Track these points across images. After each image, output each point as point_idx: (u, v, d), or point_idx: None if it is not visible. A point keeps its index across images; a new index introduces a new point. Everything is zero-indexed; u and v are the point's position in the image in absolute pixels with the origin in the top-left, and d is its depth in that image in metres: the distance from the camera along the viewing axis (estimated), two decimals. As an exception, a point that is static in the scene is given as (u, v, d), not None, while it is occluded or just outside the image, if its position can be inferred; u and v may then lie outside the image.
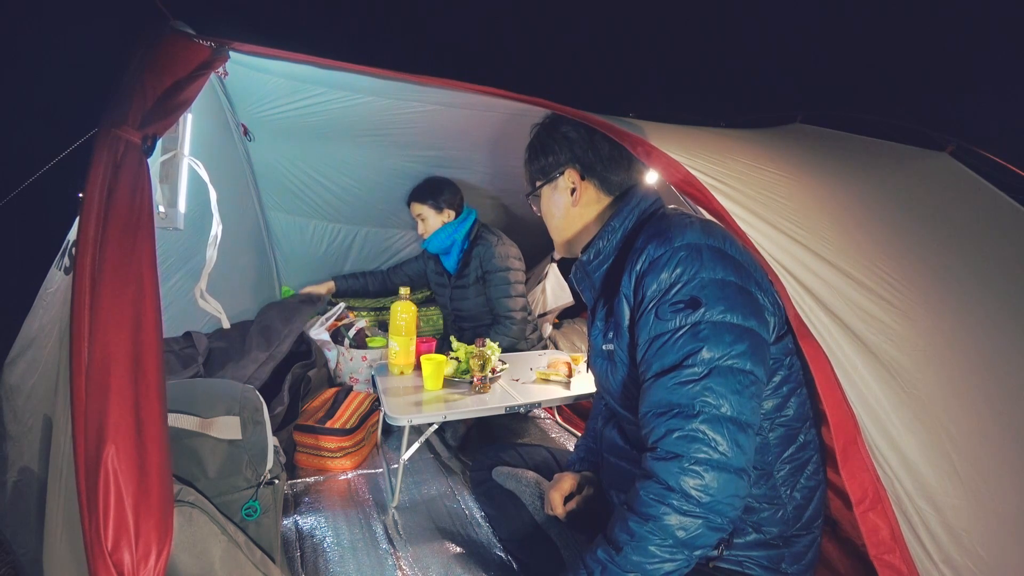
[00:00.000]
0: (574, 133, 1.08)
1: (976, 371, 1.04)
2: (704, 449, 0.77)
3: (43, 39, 2.43)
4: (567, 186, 1.09)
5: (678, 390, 0.81)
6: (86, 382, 0.70)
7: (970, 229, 1.45)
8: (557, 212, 1.12)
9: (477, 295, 2.25)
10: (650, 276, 0.88)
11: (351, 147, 2.26)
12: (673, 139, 1.12)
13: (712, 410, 0.78)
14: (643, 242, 0.93)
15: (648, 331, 0.87)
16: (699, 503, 0.76)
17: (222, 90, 1.92)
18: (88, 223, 0.76)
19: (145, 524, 0.68)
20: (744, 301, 0.85)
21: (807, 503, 0.93)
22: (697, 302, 0.83)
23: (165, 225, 1.70)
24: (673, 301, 0.85)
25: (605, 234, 1.03)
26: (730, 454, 0.77)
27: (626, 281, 0.93)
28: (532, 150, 1.15)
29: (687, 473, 0.77)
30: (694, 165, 1.00)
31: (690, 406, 0.79)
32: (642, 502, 0.79)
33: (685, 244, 0.87)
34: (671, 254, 0.87)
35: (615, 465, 1.06)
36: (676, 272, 0.86)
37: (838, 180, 1.40)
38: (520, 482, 1.25)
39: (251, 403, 1.14)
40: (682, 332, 0.83)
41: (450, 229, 2.23)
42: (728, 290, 0.84)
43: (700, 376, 0.80)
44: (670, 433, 0.80)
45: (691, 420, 0.79)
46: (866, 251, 1.09)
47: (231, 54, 1.07)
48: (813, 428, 0.96)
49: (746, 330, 0.83)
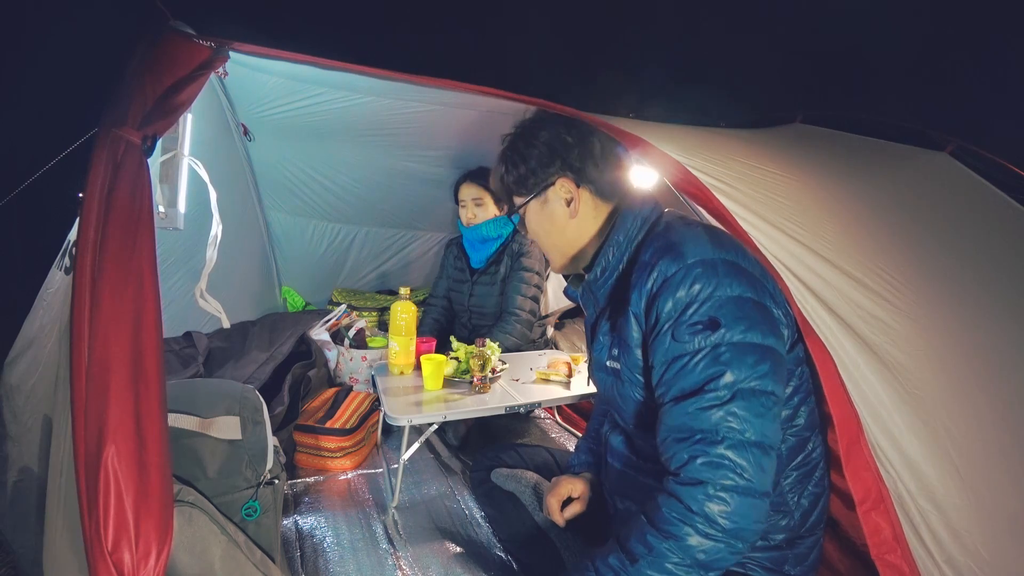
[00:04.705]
0: (561, 134, 0.99)
1: (976, 371, 1.04)
2: (730, 476, 0.75)
3: (43, 39, 2.43)
4: (561, 197, 1.00)
5: (700, 415, 0.78)
6: (86, 382, 0.70)
7: (970, 229, 1.45)
8: (553, 228, 1.02)
9: (502, 292, 2.22)
10: (664, 296, 0.84)
11: (351, 147, 2.26)
12: (673, 139, 1.11)
13: (736, 435, 0.76)
14: (652, 257, 0.88)
15: (665, 353, 0.84)
16: (724, 529, 0.74)
17: (222, 90, 1.92)
18: (88, 223, 0.76)
19: (145, 524, 0.68)
20: (762, 318, 0.83)
21: (813, 508, 0.93)
22: (716, 323, 0.80)
23: (165, 225, 1.70)
24: (691, 322, 0.81)
25: (611, 247, 0.96)
26: (755, 480, 0.75)
27: (635, 299, 0.89)
28: (509, 161, 1.03)
29: (713, 500, 0.75)
30: (694, 165, 1.00)
31: (713, 431, 0.77)
32: (664, 519, 0.77)
33: (699, 260, 0.84)
34: (685, 271, 0.83)
35: (620, 472, 1.03)
36: (692, 290, 0.82)
37: (838, 180, 1.40)
38: (520, 482, 1.25)
39: (251, 403, 1.14)
40: (702, 355, 0.80)
41: (502, 221, 2.19)
42: (746, 307, 0.82)
43: (723, 401, 0.78)
44: (693, 459, 0.77)
45: (715, 446, 0.76)
46: (867, 251, 1.09)
47: (231, 54, 1.07)
48: (820, 435, 0.95)
49: (767, 349, 0.81)
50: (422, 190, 2.64)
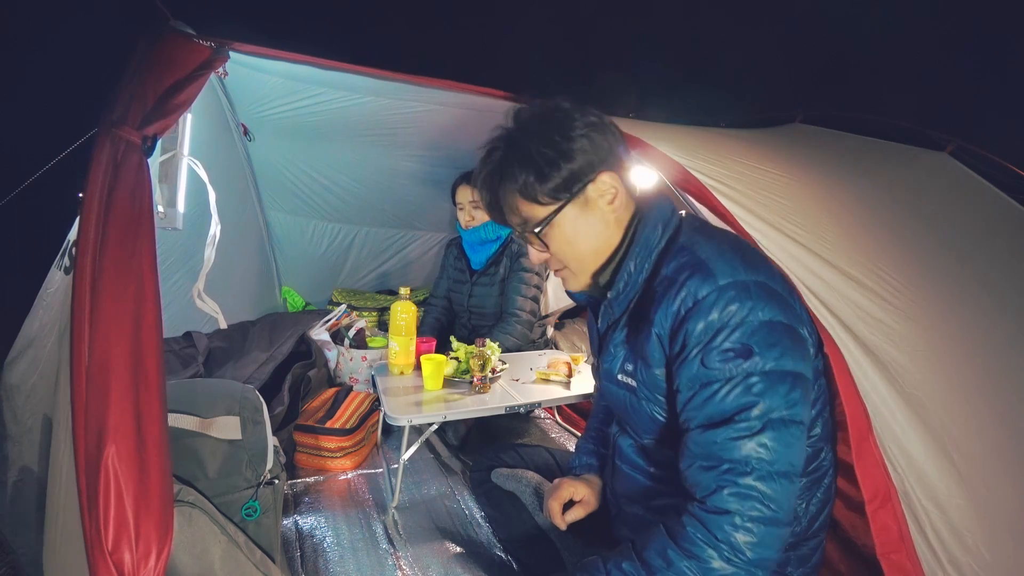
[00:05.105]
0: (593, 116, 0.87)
1: (976, 370, 1.05)
2: (758, 507, 0.74)
3: (43, 39, 2.44)
4: (602, 195, 0.87)
5: (729, 445, 0.76)
6: (86, 382, 0.70)
7: (969, 229, 1.45)
8: (590, 234, 0.89)
9: (501, 293, 2.22)
10: (694, 319, 0.79)
11: (351, 147, 2.27)
12: (673, 139, 1.11)
13: (766, 467, 0.75)
14: (676, 272, 0.83)
15: (692, 379, 0.80)
16: (748, 560, 0.73)
17: (222, 90, 1.92)
18: (88, 223, 0.77)
19: (145, 524, 0.68)
20: (794, 343, 0.80)
21: (819, 514, 0.92)
22: (749, 350, 0.77)
23: (165, 225, 1.70)
24: (722, 348, 0.78)
25: (631, 259, 0.88)
26: (782, 511, 0.75)
27: (660, 320, 0.84)
28: (542, 162, 0.85)
29: (739, 530, 0.74)
30: (694, 166, 1.00)
31: (743, 462, 0.75)
32: (688, 539, 0.76)
33: (732, 282, 0.79)
34: (718, 294, 0.78)
35: (628, 475, 1.01)
36: (724, 314, 0.78)
37: (838, 180, 1.40)
38: (520, 482, 1.25)
39: (251, 403, 1.14)
40: (733, 384, 0.77)
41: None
42: (777, 332, 0.79)
43: (754, 432, 0.75)
44: (721, 489, 0.75)
45: (744, 476, 0.75)
46: (866, 251, 1.09)
47: (231, 54, 1.07)
48: (831, 443, 0.94)
49: (797, 376, 0.79)
50: (422, 190, 2.64)
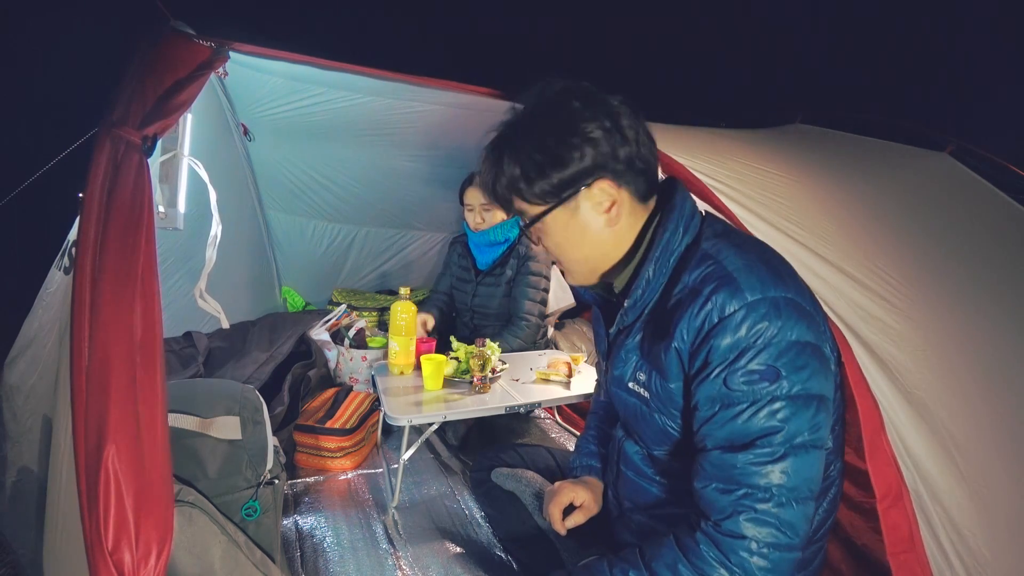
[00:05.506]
0: (599, 117, 0.80)
1: (975, 370, 1.05)
2: (775, 534, 0.72)
3: (43, 39, 2.43)
4: (598, 204, 0.83)
5: (749, 470, 0.73)
6: (86, 382, 0.70)
7: (969, 229, 1.45)
8: (584, 240, 0.86)
9: (506, 294, 2.21)
10: (720, 335, 0.76)
11: (351, 147, 2.26)
12: (673, 139, 1.11)
13: (786, 494, 0.72)
14: (700, 283, 0.79)
15: (712, 398, 0.77)
16: None
17: (222, 90, 1.92)
18: (88, 223, 0.77)
19: (145, 524, 0.68)
20: (820, 365, 0.76)
21: (824, 523, 0.92)
22: (776, 373, 0.73)
23: (165, 225, 1.70)
24: (748, 369, 0.74)
25: (651, 264, 0.84)
26: (798, 537, 0.73)
27: (680, 333, 0.80)
28: (530, 163, 0.82)
29: (755, 555, 0.72)
30: (695, 166, 1.00)
31: (762, 488, 0.73)
32: (700, 556, 0.75)
33: (762, 299, 0.75)
34: (747, 311, 0.75)
35: (633, 482, 1.00)
36: (752, 333, 0.74)
37: (838, 180, 1.40)
38: (520, 482, 1.25)
39: (251, 403, 1.14)
40: (757, 408, 0.74)
41: (510, 225, 2.16)
42: (806, 354, 0.75)
43: (775, 458, 0.73)
44: (737, 514, 0.73)
45: (762, 503, 0.72)
46: (866, 251, 1.09)
47: (231, 54, 1.07)
48: (841, 454, 0.93)
49: (822, 399, 0.76)
50: (422, 190, 2.64)
